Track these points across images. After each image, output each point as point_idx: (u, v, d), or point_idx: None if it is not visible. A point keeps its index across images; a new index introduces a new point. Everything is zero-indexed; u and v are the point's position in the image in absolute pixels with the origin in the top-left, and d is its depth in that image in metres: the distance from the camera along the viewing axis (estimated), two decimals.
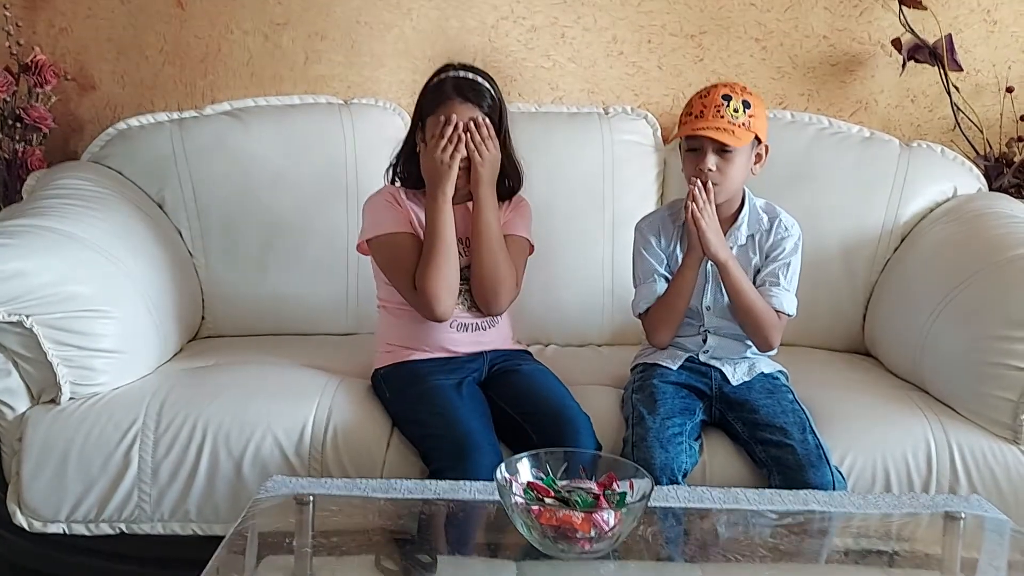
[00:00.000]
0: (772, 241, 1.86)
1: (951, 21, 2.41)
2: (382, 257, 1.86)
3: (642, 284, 1.90)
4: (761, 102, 1.83)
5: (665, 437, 1.67)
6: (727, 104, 1.78)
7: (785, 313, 1.84)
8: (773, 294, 1.83)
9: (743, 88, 1.83)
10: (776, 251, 1.86)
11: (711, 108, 1.78)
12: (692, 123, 1.79)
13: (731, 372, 1.85)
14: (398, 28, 2.44)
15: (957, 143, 2.43)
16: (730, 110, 1.77)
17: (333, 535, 1.35)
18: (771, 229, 1.86)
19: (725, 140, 1.76)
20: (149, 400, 1.76)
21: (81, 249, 1.82)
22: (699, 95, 1.83)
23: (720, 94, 1.79)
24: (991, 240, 1.96)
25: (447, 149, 1.76)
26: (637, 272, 1.92)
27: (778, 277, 1.84)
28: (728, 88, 1.81)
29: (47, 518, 1.75)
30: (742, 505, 1.47)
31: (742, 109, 1.78)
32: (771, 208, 1.90)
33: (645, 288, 1.89)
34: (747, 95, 1.80)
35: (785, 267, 1.85)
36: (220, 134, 2.24)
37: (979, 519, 1.46)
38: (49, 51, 2.41)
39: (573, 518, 1.26)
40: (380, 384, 1.84)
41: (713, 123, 1.76)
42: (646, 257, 1.90)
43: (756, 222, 1.87)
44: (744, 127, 1.77)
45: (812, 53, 2.46)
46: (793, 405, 1.79)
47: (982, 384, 1.79)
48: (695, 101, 1.82)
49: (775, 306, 1.83)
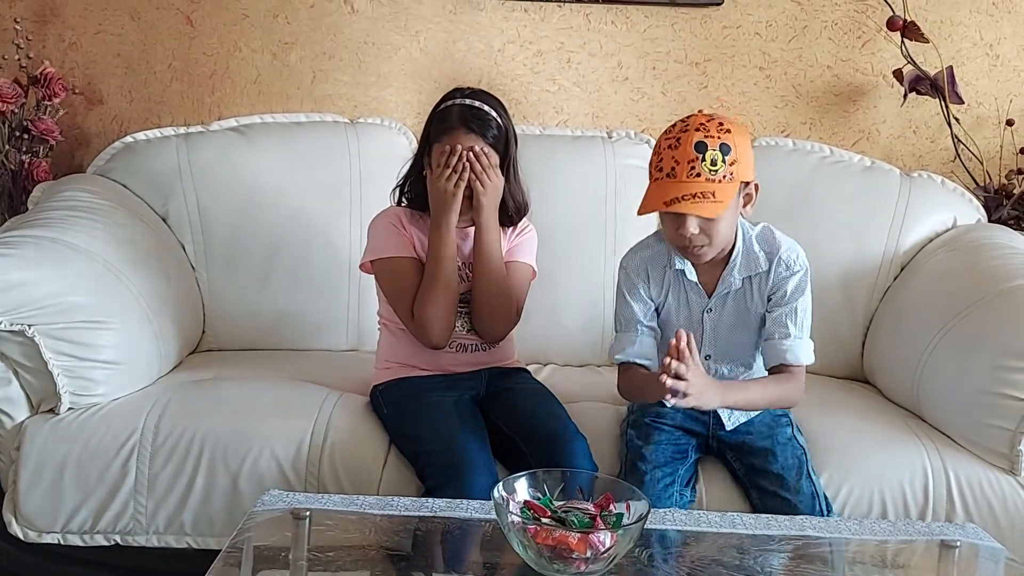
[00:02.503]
0: (772, 283, 1.70)
1: (953, 54, 2.43)
2: (383, 280, 1.87)
3: (622, 332, 1.75)
4: (743, 133, 1.62)
5: (655, 492, 1.63)
6: (702, 157, 1.55)
7: (801, 365, 1.69)
8: (786, 347, 1.68)
9: (719, 125, 1.58)
10: (779, 294, 1.69)
11: (684, 164, 1.55)
12: (664, 186, 1.57)
13: (727, 416, 1.75)
14: (405, 50, 2.47)
15: (957, 174, 2.44)
16: (707, 164, 1.55)
17: (329, 550, 1.35)
18: (770, 270, 1.69)
19: (704, 213, 1.56)
20: (148, 412, 1.77)
21: (84, 261, 1.83)
22: (668, 142, 1.58)
23: (692, 143, 1.55)
24: (990, 271, 1.97)
25: (451, 178, 1.77)
26: (619, 315, 1.77)
27: (787, 326, 1.68)
28: (701, 131, 1.57)
29: (43, 528, 1.74)
30: (738, 529, 1.46)
31: (720, 158, 1.56)
32: (770, 241, 1.72)
33: (624, 338, 1.74)
34: (724, 134, 1.57)
35: (792, 312, 1.69)
36: (226, 150, 2.25)
37: (974, 547, 1.46)
38: (58, 65, 2.43)
39: (569, 538, 1.26)
40: (378, 400, 1.84)
41: (689, 186, 1.55)
42: (629, 303, 1.74)
43: (752, 263, 1.70)
44: (726, 180, 1.56)
45: (815, 83, 2.49)
46: (791, 442, 1.73)
47: (980, 414, 1.79)
48: (665, 153, 1.58)
49: (789, 360, 1.68)
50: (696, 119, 1.60)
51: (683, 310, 1.74)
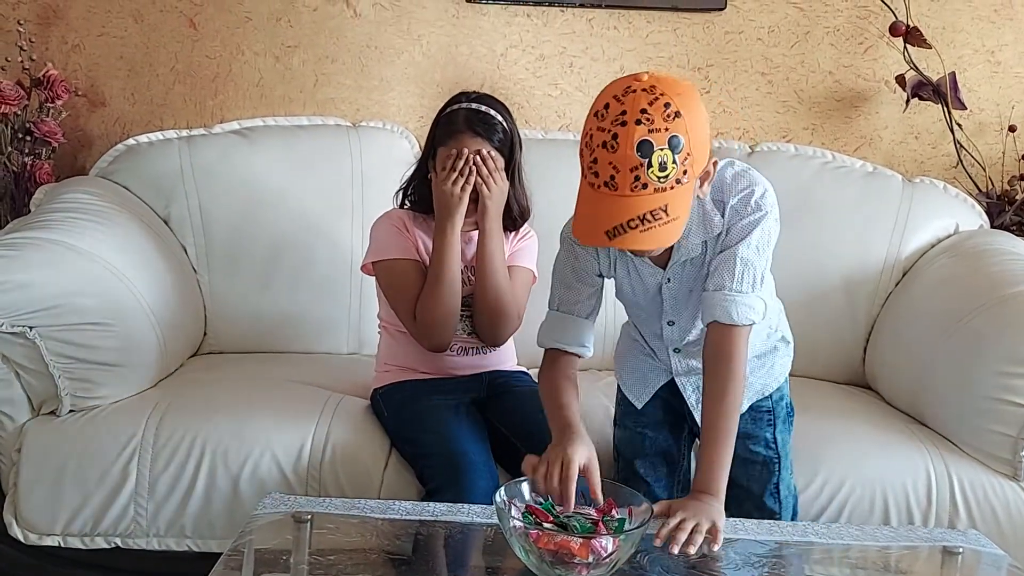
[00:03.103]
0: (727, 239, 1.45)
1: (956, 60, 2.44)
2: (385, 282, 1.87)
3: (555, 312, 1.55)
4: (692, 103, 1.29)
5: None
6: (648, 162, 1.24)
7: (736, 325, 1.43)
8: (717, 301, 1.43)
9: (664, 107, 1.25)
10: (725, 239, 1.44)
11: (626, 173, 1.25)
12: (603, 203, 1.27)
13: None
14: (408, 53, 2.47)
15: (959, 180, 2.44)
16: (655, 171, 1.25)
17: (330, 554, 1.35)
18: (725, 226, 1.44)
19: (658, 244, 1.31)
20: (149, 414, 1.76)
21: (86, 263, 1.82)
22: (602, 138, 1.26)
23: (634, 143, 1.23)
24: (992, 276, 1.97)
25: (457, 182, 1.77)
26: (553, 287, 1.56)
27: (722, 276, 1.43)
28: (644, 123, 1.24)
29: (43, 530, 1.74)
30: (740, 535, 1.46)
31: (671, 159, 1.25)
32: (723, 190, 1.43)
33: (556, 320, 1.54)
34: (672, 121, 1.25)
35: (731, 260, 1.43)
36: (228, 153, 2.25)
37: (977, 554, 1.46)
38: (61, 67, 2.43)
39: (571, 543, 1.26)
40: (378, 403, 1.84)
41: (634, 204, 1.26)
42: (571, 282, 1.53)
43: (708, 225, 1.45)
44: (680, 183, 1.28)
45: (817, 88, 2.49)
46: (767, 451, 1.61)
47: (982, 419, 1.79)
48: (599, 153, 1.26)
49: (719, 317, 1.43)
50: (634, 101, 1.26)
51: (638, 285, 1.55)
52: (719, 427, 1.43)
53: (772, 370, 1.65)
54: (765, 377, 1.63)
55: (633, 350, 1.70)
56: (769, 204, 1.45)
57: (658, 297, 1.55)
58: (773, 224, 1.46)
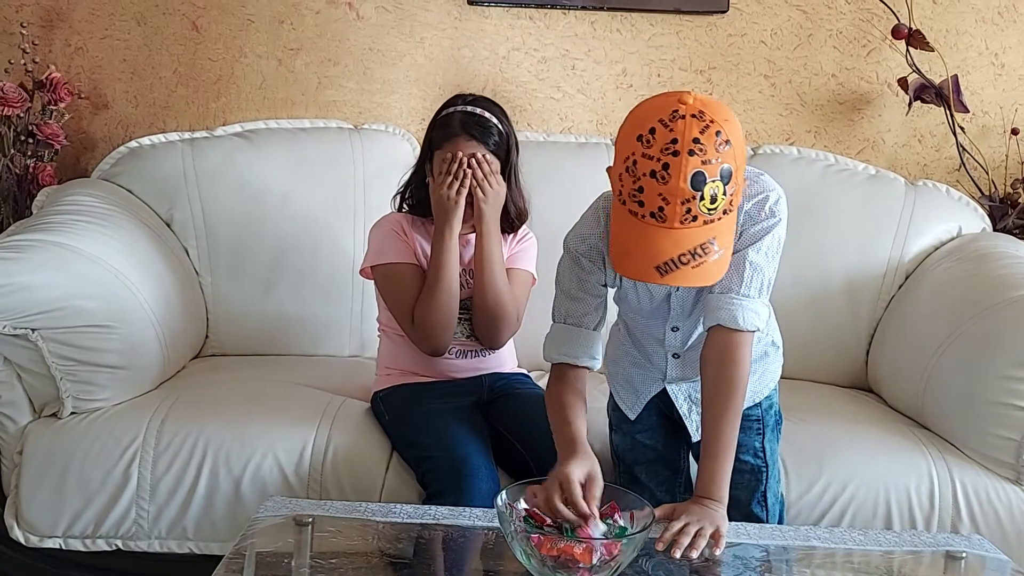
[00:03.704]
0: (739, 242, 1.41)
1: (959, 63, 2.43)
2: (383, 286, 1.87)
3: (561, 324, 1.51)
4: (736, 130, 1.26)
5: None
6: (700, 195, 1.21)
7: (741, 330, 1.42)
8: (722, 304, 1.41)
9: (715, 136, 1.22)
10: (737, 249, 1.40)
11: (676, 206, 1.21)
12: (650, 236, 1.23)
13: (694, 424, 1.59)
14: (410, 56, 2.47)
15: (962, 183, 2.44)
16: (706, 203, 1.22)
17: (331, 557, 1.34)
18: (738, 230, 1.41)
19: (708, 280, 1.28)
20: (150, 417, 1.76)
21: (88, 265, 1.83)
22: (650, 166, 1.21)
23: (687, 175, 1.20)
24: (995, 280, 1.96)
25: (453, 185, 1.76)
26: (558, 299, 1.52)
27: (732, 282, 1.41)
28: (697, 153, 1.20)
29: (44, 533, 1.74)
30: (742, 539, 1.46)
31: (721, 190, 1.22)
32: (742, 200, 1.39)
33: (564, 332, 1.50)
34: (722, 150, 1.22)
35: (740, 263, 1.40)
36: (231, 155, 2.25)
37: (980, 559, 1.45)
38: (64, 69, 2.44)
39: (575, 549, 1.25)
40: (379, 407, 1.84)
41: (684, 237, 1.22)
42: (576, 295, 1.49)
43: None
44: (728, 213, 1.25)
45: (820, 91, 2.49)
46: (755, 459, 1.59)
47: (985, 424, 1.78)
48: (646, 183, 1.21)
49: (723, 321, 1.41)
50: (686, 129, 1.22)
51: (644, 294, 1.52)
52: (721, 432, 1.43)
53: (763, 376, 1.62)
54: (756, 384, 1.59)
55: (623, 360, 1.67)
56: (782, 211, 1.44)
57: (665, 304, 1.52)
58: (783, 231, 1.45)
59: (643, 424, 1.66)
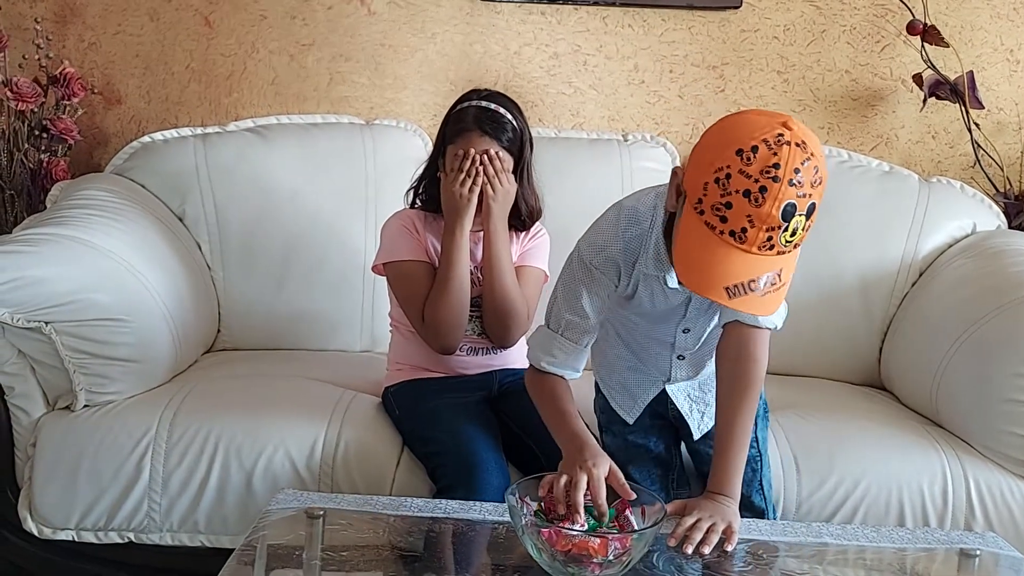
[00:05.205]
0: None
1: (974, 59, 2.42)
2: (395, 284, 1.87)
3: (557, 335, 1.48)
4: (825, 172, 1.23)
5: None
6: (785, 227, 1.17)
7: (761, 328, 1.44)
8: None
9: (814, 172, 1.19)
10: None
11: (760, 231, 1.17)
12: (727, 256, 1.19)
13: (696, 423, 1.59)
14: (422, 52, 2.47)
15: (977, 180, 2.43)
16: (786, 235, 1.18)
17: (342, 550, 1.35)
18: None
19: (769, 311, 1.24)
20: (163, 410, 1.77)
21: (101, 259, 1.83)
22: (745, 185, 1.16)
23: (781, 205, 1.16)
24: (1009, 277, 1.95)
25: (465, 183, 1.75)
26: (560, 313, 1.47)
27: None
28: (796, 186, 1.16)
29: (57, 525, 1.75)
30: (754, 535, 1.45)
31: (803, 223, 1.19)
32: None
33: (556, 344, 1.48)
34: (816, 188, 1.19)
35: None
36: (243, 150, 2.26)
37: (994, 556, 1.45)
38: (78, 64, 2.45)
39: (590, 543, 1.25)
40: (390, 402, 1.84)
41: (759, 264, 1.19)
42: (582, 307, 1.44)
43: None
44: (798, 246, 1.23)
45: (834, 87, 2.47)
46: (751, 450, 1.54)
47: (999, 421, 1.77)
48: (736, 199, 1.17)
49: (746, 320, 1.42)
50: (789, 156, 1.16)
51: (661, 302, 1.48)
52: (736, 428, 1.43)
53: None
54: None
55: (617, 365, 1.65)
56: None
57: (683, 307, 1.50)
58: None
59: (636, 425, 1.66)
